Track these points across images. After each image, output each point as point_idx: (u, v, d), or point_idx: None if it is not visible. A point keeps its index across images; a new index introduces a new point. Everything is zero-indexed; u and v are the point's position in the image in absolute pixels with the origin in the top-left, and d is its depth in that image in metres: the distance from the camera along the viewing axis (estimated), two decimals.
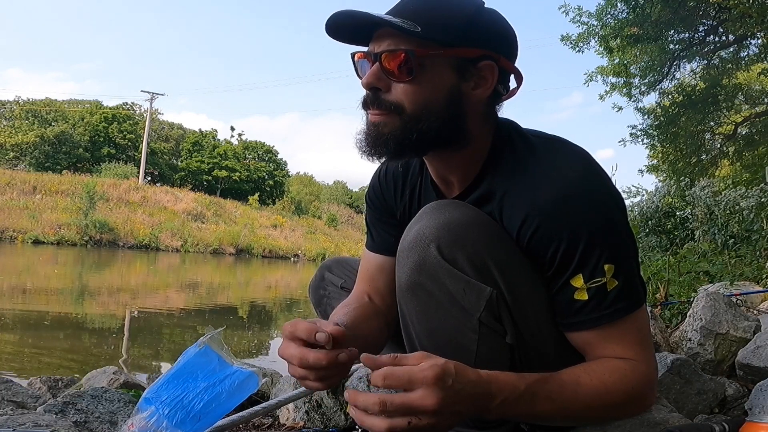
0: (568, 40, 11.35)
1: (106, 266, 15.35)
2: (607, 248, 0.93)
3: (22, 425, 1.24)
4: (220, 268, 18.56)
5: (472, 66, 0.97)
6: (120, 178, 35.20)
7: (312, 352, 0.89)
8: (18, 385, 1.78)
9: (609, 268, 0.92)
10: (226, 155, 44.92)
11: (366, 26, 0.98)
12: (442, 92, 0.97)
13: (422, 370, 0.77)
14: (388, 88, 0.97)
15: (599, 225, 0.93)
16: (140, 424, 1.05)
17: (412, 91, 0.96)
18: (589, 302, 0.93)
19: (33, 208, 25.83)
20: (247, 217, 35.34)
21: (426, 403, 0.76)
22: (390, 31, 0.95)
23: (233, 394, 1.07)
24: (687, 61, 11.92)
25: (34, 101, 42.54)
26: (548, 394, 0.87)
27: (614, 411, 0.96)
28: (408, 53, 0.94)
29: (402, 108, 0.96)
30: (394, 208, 1.21)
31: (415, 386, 0.77)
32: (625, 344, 0.94)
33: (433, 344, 0.97)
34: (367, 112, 1.00)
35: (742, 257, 5.23)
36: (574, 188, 0.94)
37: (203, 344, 1.11)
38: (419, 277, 0.95)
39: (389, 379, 0.78)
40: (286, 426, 1.72)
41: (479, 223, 0.95)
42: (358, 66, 1.03)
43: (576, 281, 0.93)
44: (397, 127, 0.96)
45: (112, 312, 6.76)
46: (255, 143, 48.16)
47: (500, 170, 1.01)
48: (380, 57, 0.95)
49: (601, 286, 0.92)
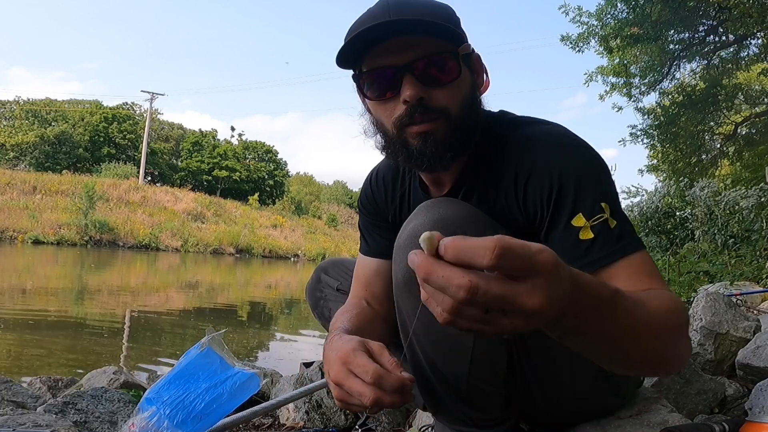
0: (568, 40, 11.36)
1: (106, 266, 15.34)
2: (599, 186, 0.93)
3: (22, 425, 1.24)
4: (220, 268, 18.56)
5: (470, 59, 1.01)
6: (120, 178, 35.22)
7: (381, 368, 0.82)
8: (18, 385, 1.78)
9: (606, 206, 0.91)
10: (226, 155, 44.93)
11: (403, 31, 0.93)
12: (469, 89, 0.99)
13: (541, 252, 0.56)
14: (429, 95, 0.95)
15: (587, 164, 0.96)
16: (141, 424, 1.05)
17: (454, 93, 0.96)
18: (596, 240, 0.90)
19: (33, 208, 25.83)
20: (247, 217, 35.35)
21: (535, 299, 0.55)
22: (410, 39, 0.93)
23: (234, 395, 1.08)
24: (687, 61, 11.94)
25: (34, 101, 42.54)
26: (625, 309, 0.71)
27: (669, 341, 0.81)
28: (453, 55, 0.95)
29: (448, 111, 0.96)
30: (386, 212, 1.21)
31: (531, 273, 0.55)
32: (646, 279, 0.88)
33: (430, 340, 0.97)
34: (406, 129, 0.96)
35: (742, 257, 5.23)
36: (556, 138, 0.98)
37: (205, 345, 1.11)
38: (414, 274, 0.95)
39: (507, 256, 0.53)
40: (286, 426, 1.72)
41: (473, 218, 0.95)
42: (370, 82, 0.98)
43: (577, 221, 0.92)
44: (447, 131, 0.96)
45: (112, 312, 6.76)
46: (255, 143, 48.18)
47: (484, 158, 1.03)
48: (425, 63, 0.93)
49: (603, 222, 0.90)
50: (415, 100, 0.93)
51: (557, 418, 1.14)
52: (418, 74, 0.93)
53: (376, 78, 0.97)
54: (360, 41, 0.94)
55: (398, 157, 1.00)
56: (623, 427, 1.09)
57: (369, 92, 0.99)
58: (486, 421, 1.04)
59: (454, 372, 0.99)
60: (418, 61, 0.93)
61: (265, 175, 46.36)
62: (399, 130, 0.97)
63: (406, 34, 0.93)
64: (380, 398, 0.79)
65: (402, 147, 0.98)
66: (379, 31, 0.92)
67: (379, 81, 0.97)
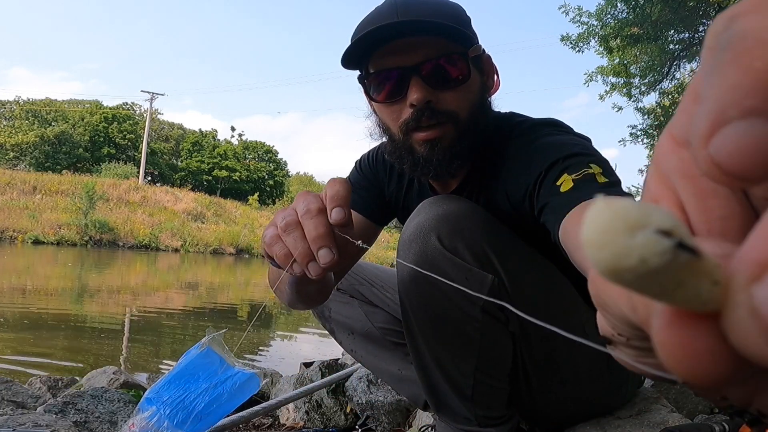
0: (568, 40, 11.36)
1: (106, 266, 15.34)
2: (590, 155, 0.85)
3: (22, 425, 1.24)
4: (220, 268, 18.56)
5: (480, 61, 0.99)
6: (120, 178, 35.20)
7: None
8: (18, 385, 1.78)
9: (596, 168, 0.81)
10: (226, 155, 44.95)
11: (409, 33, 0.91)
12: (478, 91, 0.97)
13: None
14: (437, 97, 0.92)
15: (579, 140, 0.92)
16: (141, 424, 1.05)
17: (463, 96, 0.94)
18: (578, 185, 0.79)
19: (33, 208, 25.82)
20: (247, 217, 35.33)
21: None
22: (418, 40, 0.91)
23: (234, 395, 1.08)
24: (687, 61, 11.92)
25: (34, 101, 42.54)
26: None
27: None
28: (462, 56, 0.92)
29: (456, 115, 0.93)
30: (384, 186, 1.20)
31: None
32: None
33: (436, 334, 0.97)
34: (412, 134, 0.94)
35: None
36: (560, 145, 0.91)
37: (205, 345, 1.11)
38: (421, 267, 0.95)
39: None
40: (286, 426, 1.72)
41: (476, 214, 0.95)
42: (376, 84, 0.96)
43: (563, 180, 0.81)
44: (454, 137, 0.94)
45: (112, 312, 6.75)
46: (255, 143, 48.20)
47: (491, 160, 1.01)
48: (433, 65, 0.91)
49: (589, 174, 0.80)
50: (422, 104, 0.91)
51: (557, 418, 1.14)
52: (425, 76, 0.91)
53: (382, 80, 0.95)
54: (366, 42, 0.92)
55: (404, 165, 0.98)
56: (623, 427, 1.09)
57: (375, 94, 0.97)
58: (490, 419, 1.04)
59: (460, 368, 0.99)
60: (426, 62, 0.91)
61: (265, 175, 46.37)
62: (405, 134, 0.95)
63: (413, 35, 0.91)
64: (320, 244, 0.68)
65: (408, 154, 0.96)
66: (385, 32, 0.90)
67: (385, 83, 0.95)
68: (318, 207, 0.70)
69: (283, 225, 0.71)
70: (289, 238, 0.70)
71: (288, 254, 0.70)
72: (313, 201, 0.71)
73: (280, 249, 0.71)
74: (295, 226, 0.70)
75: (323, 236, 0.68)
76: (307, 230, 0.69)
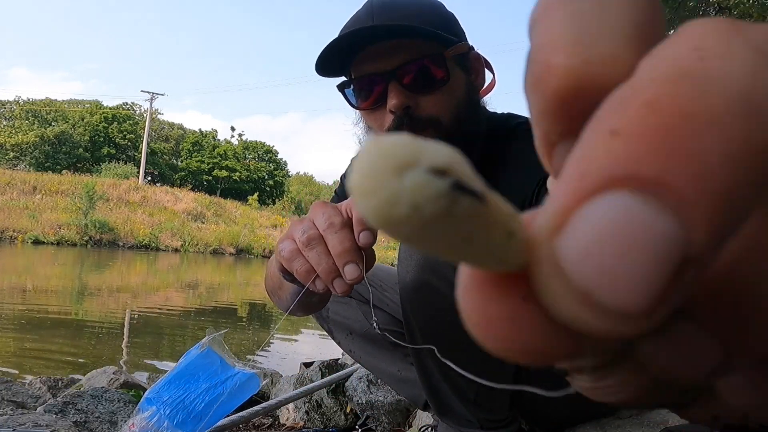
0: None
1: (106, 266, 15.34)
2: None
3: (22, 425, 1.24)
4: (220, 268, 18.56)
5: (466, 60, 0.95)
6: (120, 178, 35.22)
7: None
8: (18, 385, 1.79)
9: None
10: (226, 155, 44.96)
11: (384, 37, 0.88)
12: (463, 92, 0.92)
13: None
14: (416, 102, 0.88)
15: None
16: (141, 424, 1.05)
17: (445, 99, 0.89)
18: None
19: (33, 208, 25.82)
20: (247, 217, 35.34)
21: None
22: (395, 43, 0.88)
23: (234, 395, 1.08)
24: None
25: (34, 101, 42.55)
26: None
27: None
28: (439, 57, 0.88)
29: (437, 120, 0.89)
30: None
31: None
32: None
33: (441, 339, 0.97)
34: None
35: None
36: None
37: (205, 346, 1.11)
38: (424, 274, 0.94)
39: None
40: (286, 426, 1.72)
41: None
42: (358, 90, 0.92)
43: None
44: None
45: (112, 312, 6.75)
46: (255, 143, 48.20)
47: (485, 166, 0.98)
48: (410, 69, 0.87)
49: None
50: (400, 110, 0.87)
51: (557, 418, 1.14)
52: (403, 81, 0.87)
53: (363, 86, 0.91)
54: (340, 49, 0.88)
55: None
56: (623, 427, 1.09)
57: (359, 101, 0.93)
58: (493, 422, 1.04)
59: (464, 370, 0.98)
60: (404, 66, 0.87)
61: (265, 175, 46.37)
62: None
63: (389, 38, 0.87)
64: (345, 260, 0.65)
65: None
66: (358, 37, 0.87)
67: (366, 89, 0.91)
68: (341, 221, 0.66)
69: (304, 239, 0.67)
70: (312, 253, 0.66)
71: (310, 270, 0.66)
72: (335, 214, 0.67)
73: (301, 264, 0.67)
74: (318, 240, 0.66)
75: (349, 251, 0.64)
76: (331, 245, 0.65)
